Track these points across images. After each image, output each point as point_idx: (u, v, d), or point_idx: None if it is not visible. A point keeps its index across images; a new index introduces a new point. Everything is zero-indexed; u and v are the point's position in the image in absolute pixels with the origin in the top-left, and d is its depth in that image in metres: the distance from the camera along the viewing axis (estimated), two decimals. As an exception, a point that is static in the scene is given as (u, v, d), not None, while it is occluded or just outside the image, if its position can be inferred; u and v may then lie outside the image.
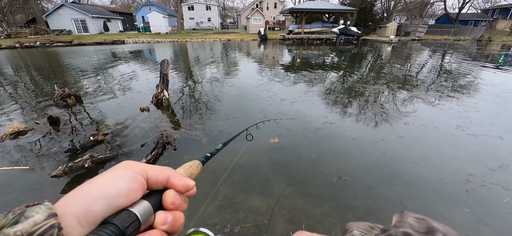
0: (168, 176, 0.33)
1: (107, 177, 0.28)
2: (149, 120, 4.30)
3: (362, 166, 2.99)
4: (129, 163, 0.31)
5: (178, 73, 8.63)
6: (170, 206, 0.31)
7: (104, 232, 0.23)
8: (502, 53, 17.22)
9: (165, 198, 0.31)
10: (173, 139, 3.40)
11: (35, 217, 0.20)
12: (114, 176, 0.28)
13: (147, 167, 0.32)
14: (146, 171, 0.31)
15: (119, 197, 0.26)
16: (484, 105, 5.33)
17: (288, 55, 14.79)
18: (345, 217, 2.29)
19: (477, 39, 28.93)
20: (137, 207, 0.27)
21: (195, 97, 5.82)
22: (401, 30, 30.52)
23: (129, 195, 0.27)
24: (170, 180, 0.33)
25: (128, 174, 0.29)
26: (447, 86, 7.20)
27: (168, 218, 0.30)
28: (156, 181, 0.32)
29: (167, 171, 0.33)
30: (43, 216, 0.21)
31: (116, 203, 0.26)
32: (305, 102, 5.35)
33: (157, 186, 0.32)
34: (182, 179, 0.33)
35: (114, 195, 0.26)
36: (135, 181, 0.29)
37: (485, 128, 4.13)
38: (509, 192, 2.55)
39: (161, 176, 0.32)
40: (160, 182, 0.32)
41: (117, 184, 0.27)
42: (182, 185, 0.33)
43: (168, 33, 31.33)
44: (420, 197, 2.50)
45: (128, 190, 0.27)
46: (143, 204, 0.28)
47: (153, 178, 0.31)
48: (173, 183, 0.32)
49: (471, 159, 3.19)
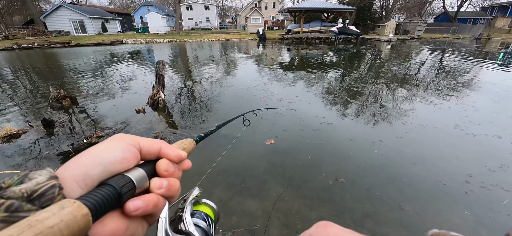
0: (160, 147, 0.34)
1: (102, 146, 0.29)
2: (144, 122, 4.25)
3: (359, 168, 2.94)
4: (122, 135, 0.32)
5: (176, 74, 8.57)
6: (164, 172, 0.32)
7: (102, 190, 0.25)
8: (501, 51, 17.19)
9: (158, 165, 0.32)
10: (168, 141, 3.34)
11: (38, 178, 0.22)
12: (107, 146, 0.29)
13: (139, 139, 0.33)
14: (138, 143, 0.32)
15: (113, 164, 0.27)
16: (483, 104, 5.29)
17: (287, 54, 14.73)
18: (342, 220, 2.24)
19: (476, 37, 28.92)
20: (131, 172, 0.28)
21: (191, 98, 5.77)
22: (400, 29, 30.47)
23: (122, 163, 0.28)
24: (162, 150, 0.34)
25: (121, 144, 0.30)
26: (446, 85, 7.15)
27: (164, 183, 0.31)
28: (149, 151, 0.33)
29: (160, 143, 0.34)
30: (45, 177, 0.22)
31: (111, 169, 0.27)
32: (303, 103, 5.30)
33: (150, 156, 0.33)
34: (175, 150, 0.35)
35: (109, 161, 0.27)
36: (128, 151, 0.30)
37: (484, 127, 4.08)
38: (509, 193, 2.51)
39: (154, 147, 0.33)
40: (153, 153, 0.33)
41: (111, 153, 0.28)
42: (175, 154, 0.34)
43: (167, 33, 31.25)
44: (418, 199, 2.45)
45: (121, 158, 0.28)
46: (137, 170, 0.29)
47: (146, 149, 0.32)
48: (166, 152, 0.33)
49: (470, 159, 3.14)
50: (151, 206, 0.29)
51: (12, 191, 0.20)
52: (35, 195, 0.21)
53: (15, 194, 0.20)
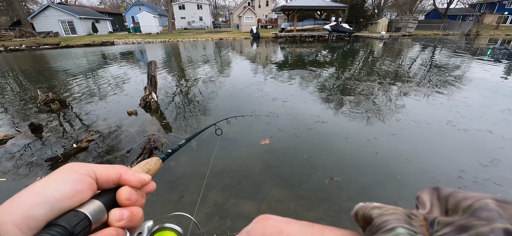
0: (120, 173, 0.31)
1: (47, 181, 0.26)
2: (136, 124, 4.16)
3: (355, 166, 2.94)
4: (73, 165, 0.29)
5: (169, 75, 8.45)
6: (126, 201, 0.30)
7: (49, 234, 0.22)
8: (489, 47, 17.59)
9: (119, 194, 0.30)
10: (160, 143, 3.27)
11: None
12: (54, 180, 0.26)
13: (94, 167, 0.30)
14: (93, 171, 0.29)
15: (62, 200, 0.25)
16: (474, 99, 5.38)
17: (281, 53, 14.72)
18: (339, 220, 2.23)
19: (465, 33, 29.52)
20: (86, 207, 0.26)
21: (185, 99, 5.69)
22: (392, 26, 30.85)
23: (74, 197, 0.26)
24: (122, 176, 0.31)
25: (72, 176, 0.27)
26: (438, 81, 7.26)
27: (125, 214, 0.28)
28: (107, 180, 0.30)
29: (119, 168, 0.32)
30: None
31: (60, 206, 0.24)
32: (297, 101, 5.29)
33: (109, 184, 0.30)
34: (136, 174, 0.32)
35: (56, 198, 0.24)
36: (81, 181, 0.27)
37: (476, 122, 4.15)
38: (501, 187, 2.54)
39: (112, 173, 0.30)
40: (111, 180, 0.30)
41: (59, 187, 0.25)
42: (137, 179, 0.32)
43: (159, 33, 30.84)
44: (414, 196, 2.46)
45: (72, 192, 0.26)
46: (93, 203, 0.27)
47: (103, 176, 0.30)
48: (126, 178, 0.31)
49: (463, 155, 3.18)
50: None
51: None
52: None
53: None
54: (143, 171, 0.39)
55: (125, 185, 0.31)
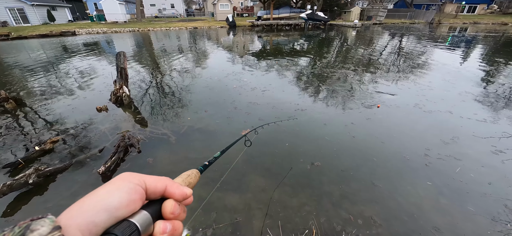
0: (166, 185, 0.33)
1: (107, 189, 0.28)
2: (107, 121, 3.88)
3: (334, 151, 3.05)
4: (128, 175, 0.31)
5: (141, 67, 7.95)
6: (170, 215, 0.31)
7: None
8: (450, 34, 19.13)
9: (164, 208, 0.32)
10: (136, 140, 3.10)
11: (40, 230, 0.21)
12: (113, 188, 0.28)
13: (145, 177, 0.32)
14: (144, 182, 0.31)
15: (119, 209, 0.27)
16: (436, 83, 5.84)
17: (258, 42, 14.58)
18: (321, 203, 2.32)
19: (429, 22, 31.66)
20: (137, 217, 0.28)
21: (160, 91, 5.42)
22: (364, 15, 32.01)
23: (129, 206, 0.28)
24: (168, 189, 0.33)
25: (127, 185, 0.29)
26: (406, 67, 7.75)
27: (167, 228, 0.30)
28: (155, 191, 0.32)
29: (165, 180, 0.34)
30: (47, 229, 0.21)
31: (117, 214, 0.27)
32: (276, 90, 5.31)
33: (156, 195, 0.32)
34: (180, 188, 0.34)
35: (115, 207, 0.27)
36: (135, 192, 0.29)
37: (438, 105, 4.52)
38: (461, 162, 2.82)
39: (159, 185, 0.33)
40: (158, 192, 0.32)
41: (117, 196, 0.27)
42: (180, 193, 0.34)
43: (127, 22, 28.71)
44: (388, 176, 2.64)
45: (128, 201, 0.28)
46: (143, 214, 0.29)
47: (152, 188, 0.32)
48: (171, 192, 0.33)
49: (428, 135, 3.46)
50: None
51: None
52: None
53: None
54: (185, 184, 0.40)
55: (170, 197, 0.33)
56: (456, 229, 2.03)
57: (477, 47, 12.22)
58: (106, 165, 2.60)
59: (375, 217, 2.13)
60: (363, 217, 2.14)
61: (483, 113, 4.15)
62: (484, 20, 31.64)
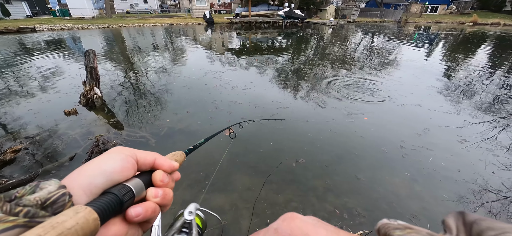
0: (155, 158, 0.36)
1: (103, 158, 0.31)
2: (78, 125, 3.58)
3: (317, 147, 3.12)
4: (120, 148, 0.34)
5: (114, 65, 7.45)
6: (159, 183, 0.34)
7: (106, 197, 0.27)
8: (416, 32, 20.58)
9: (154, 176, 0.34)
10: (112, 144, 2.89)
11: (48, 188, 0.24)
12: (108, 157, 0.32)
13: (136, 151, 0.35)
14: (135, 154, 0.34)
15: (114, 173, 0.30)
16: (406, 79, 6.25)
17: (237, 39, 14.45)
18: (307, 198, 2.36)
19: (397, 20, 33.74)
20: (131, 182, 0.31)
21: (136, 92, 5.12)
22: (339, 13, 33.21)
23: (122, 172, 0.31)
24: (156, 161, 0.36)
25: (119, 156, 0.32)
26: (378, 63, 8.18)
27: (159, 193, 0.33)
28: (144, 163, 0.35)
29: (154, 154, 0.36)
30: (55, 187, 0.24)
31: (112, 178, 0.29)
32: (258, 88, 5.30)
33: (146, 167, 0.35)
34: (168, 160, 0.37)
35: (110, 171, 0.30)
36: (126, 161, 0.32)
37: (408, 98, 4.84)
38: (432, 151, 3.04)
39: (149, 158, 0.35)
40: (148, 163, 0.35)
41: (111, 163, 0.31)
42: (168, 165, 0.37)
43: (95, 17, 26.78)
44: (368, 168, 2.76)
45: (121, 167, 0.31)
46: (135, 180, 0.32)
47: (142, 160, 0.34)
48: (160, 163, 0.36)
49: (402, 127, 3.68)
50: (150, 212, 0.31)
51: (27, 199, 0.22)
52: (48, 203, 0.23)
53: (30, 202, 0.22)
54: (172, 160, 0.43)
55: (159, 169, 0.36)
56: (430, 214, 2.19)
57: (439, 44, 13.30)
58: (78, 174, 2.39)
59: (358, 208, 2.22)
60: (347, 209, 2.22)
61: (448, 106, 4.52)
62: (444, 20, 34.55)
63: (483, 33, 20.08)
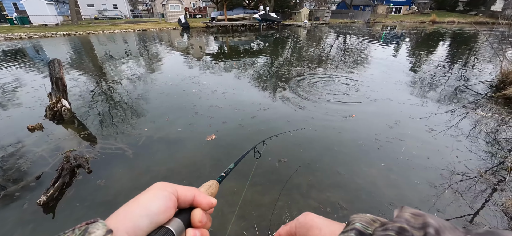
0: (194, 195, 0.36)
1: (148, 196, 0.32)
2: (44, 141, 3.30)
3: (299, 145, 3.19)
4: (163, 184, 0.35)
5: (84, 75, 6.98)
6: (198, 224, 0.34)
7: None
8: (383, 31, 21.96)
9: (193, 216, 0.35)
10: (84, 159, 2.71)
11: (96, 233, 0.24)
12: (152, 196, 0.32)
13: (177, 187, 0.35)
14: (177, 190, 0.35)
15: (158, 214, 0.30)
16: (377, 75, 6.64)
17: (214, 43, 14.33)
18: (292, 197, 2.40)
19: (366, 21, 35.78)
20: (172, 224, 0.31)
21: (109, 102, 4.85)
22: (312, 15, 34.40)
23: (165, 213, 0.31)
24: (196, 198, 0.36)
25: (163, 193, 0.33)
26: (352, 62, 8.60)
27: (197, 235, 0.33)
28: (185, 200, 0.35)
29: (193, 190, 0.37)
30: (102, 232, 0.25)
31: (156, 220, 0.30)
32: (237, 91, 5.30)
33: (185, 204, 0.35)
34: (206, 198, 0.37)
35: (154, 213, 0.30)
36: (169, 199, 0.32)
37: (380, 93, 5.14)
38: (404, 142, 3.26)
39: (189, 194, 0.36)
40: (188, 201, 0.36)
41: (156, 203, 0.31)
42: (207, 202, 0.36)
43: (60, 24, 24.99)
44: (347, 162, 2.88)
45: (165, 208, 0.31)
46: (177, 222, 0.32)
47: (182, 197, 0.35)
48: (199, 201, 0.36)
49: (376, 121, 3.90)
50: None
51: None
52: None
53: None
54: (208, 194, 0.43)
55: (197, 206, 0.36)
56: (405, 199, 2.34)
57: (405, 42, 14.33)
58: (48, 194, 2.20)
59: (341, 201, 2.30)
60: (330, 203, 2.29)
61: (415, 98, 4.88)
62: (408, 19, 37.33)
63: (441, 31, 22.02)
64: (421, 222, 0.24)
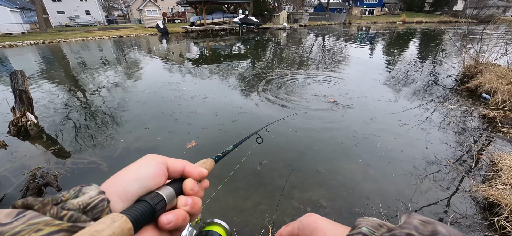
0: (185, 166, 0.37)
1: (138, 163, 0.33)
2: (8, 160, 3.04)
3: (280, 147, 3.22)
4: (152, 155, 0.35)
5: (54, 85, 6.54)
6: (190, 192, 0.35)
7: (140, 206, 0.28)
8: (359, 32, 22.94)
9: (185, 185, 0.35)
10: (53, 177, 2.52)
11: (90, 193, 0.26)
12: (142, 163, 0.33)
13: (167, 159, 0.36)
14: (166, 161, 0.36)
15: (147, 179, 0.31)
16: (353, 74, 6.90)
17: (195, 48, 14.13)
18: (274, 199, 2.40)
19: (342, 23, 37.22)
20: (163, 190, 0.32)
21: (84, 112, 4.58)
22: (291, 18, 35.16)
23: (155, 178, 0.32)
24: (186, 169, 0.37)
25: (152, 162, 0.34)
26: (330, 63, 8.88)
27: (189, 201, 0.34)
28: (175, 170, 0.36)
29: (184, 162, 0.38)
30: (95, 192, 0.26)
31: (146, 185, 0.31)
32: (218, 96, 5.25)
33: (176, 174, 0.36)
34: (197, 168, 0.38)
35: (144, 177, 0.31)
36: (159, 168, 0.33)
37: (356, 92, 5.34)
38: (380, 137, 3.40)
39: (179, 165, 0.37)
40: (178, 171, 0.36)
41: (145, 169, 0.32)
42: (198, 172, 0.37)
43: (26, 33, 23.36)
44: (327, 160, 2.95)
45: (154, 174, 0.32)
46: (167, 188, 0.33)
47: (172, 167, 0.36)
48: (189, 170, 0.37)
49: (353, 119, 4.04)
50: (181, 221, 0.32)
51: (71, 203, 0.24)
52: (89, 207, 0.25)
53: (74, 206, 0.24)
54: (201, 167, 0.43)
55: (188, 176, 0.36)
56: (383, 192, 2.43)
57: (378, 42, 15.07)
58: (9, 217, 2.02)
59: (322, 200, 2.35)
60: (312, 202, 2.32)
61: (388, 95, 5.13)
62: (380, 20, 39.36)
63: (411, 30, 23.46)
64: (430, 230, 0.23)
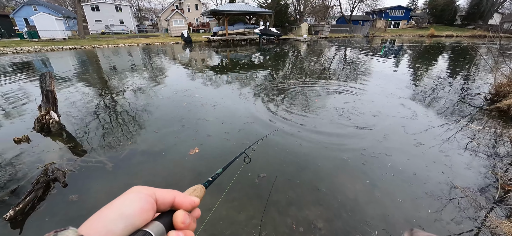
0: (175, 197, 0.35)
1: (121, 200, 0.30)
2: (28, 154, 3.30)
3: (282, 160, 3.13)
4: (139, 187, 0.33)
5: (82, 87, 7.10)
6: (181, 225, 0.33)
7: None
8: (383, 45, 22.14)
9: (175, 218, 0.33)
10: (62, 173, 2.68)
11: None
12: (127, 199, 0.30)
13: (155, 190, 0.34)
14: (154, 193, 0.33)
15: (133, 216, 0.29)
16: (370, 88, 6.61)
17: (215, 57, 14.57)
18: (270, 214, 2.31)
19: (365, 35, 36.29)
20: (151, 227, 0.29)
21: (102, 113, 4.88)
22: (312, 30, 35.05)
23: (142, 215, 0.29)
24: (176, 199, 0.35)
25: (138, 196, 0.31)
26: (350, 75, 8.61)
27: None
28: (164, 202, 0.34)
29: (173, 192, 0.35)
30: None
31: (132, 222, 0.28)
32: (227, 104, 5.30)
33: (165, 206, 0.34)
34: (188, 197, 0.36)
35: (129, 215, 0.28)
36: (146, 201, 0.31)
37: (368, 107, 5.08)
38: (391, 157, 3.17)
39: (168, 197, 0.34)
40: (168, 203, 0.34)
41: (130, 205, 0.30)
42: (189, 202, 0.35)
43: (67, 38, 25.80)
44: (329, 178, 2.80)
45: (140, 209, 0.30)
46: (156, 224, 0.30)
47: (161, 199, 0.33)
48: (180, 201, 0.35)
49: (362, 135, 3.82)
50: None
51: None
52: None
53: None
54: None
55: (179, 208, 0.35)
56: (387, 218, 2.23)
57: (404, 56, 14.38)
58: (17, 208, 2.16)
59: (318, 220, 2.21)
60: (307, 222, 2.20)
61: (405, 111, 4.81)
62: (406, 33, 37.76)
63: (440, 44, 22.12)
64: None
